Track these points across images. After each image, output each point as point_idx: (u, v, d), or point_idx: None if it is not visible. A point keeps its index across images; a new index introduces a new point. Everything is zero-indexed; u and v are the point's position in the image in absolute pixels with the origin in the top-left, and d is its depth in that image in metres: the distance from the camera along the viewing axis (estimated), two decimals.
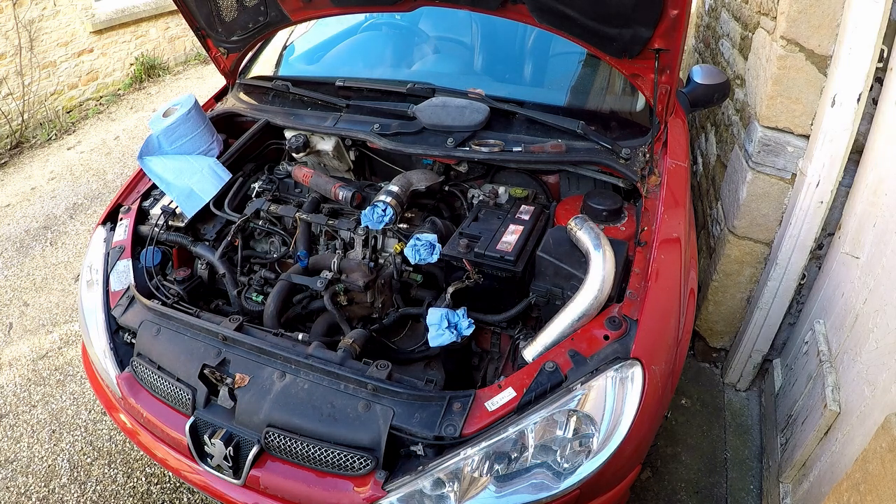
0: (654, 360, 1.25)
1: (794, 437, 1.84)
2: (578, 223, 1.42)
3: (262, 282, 1.79)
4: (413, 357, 1.62)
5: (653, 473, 2.07)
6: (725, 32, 2.81)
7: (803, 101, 1.83)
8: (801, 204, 1.89)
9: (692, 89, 2.06)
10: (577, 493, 1.18)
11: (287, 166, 2.15)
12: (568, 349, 1.27)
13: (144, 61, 6.35)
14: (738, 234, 2.15)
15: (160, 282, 1.72)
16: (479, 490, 1.18)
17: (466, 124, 1.82)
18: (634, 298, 1.35)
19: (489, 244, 1.58)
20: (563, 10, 1.54)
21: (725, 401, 2.37)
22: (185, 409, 1.39)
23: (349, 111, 2.03)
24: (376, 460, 1.22)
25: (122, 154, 4.76)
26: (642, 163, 1.71)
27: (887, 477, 1.02)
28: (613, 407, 1.20)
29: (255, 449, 1.29)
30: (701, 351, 2.53)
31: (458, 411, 1.22)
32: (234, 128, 2.21)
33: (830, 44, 1.73)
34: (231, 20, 2.02)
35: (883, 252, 1.56)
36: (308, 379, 1.34)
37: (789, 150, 1.93)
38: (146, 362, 1.46)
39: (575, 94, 2.14)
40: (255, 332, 1.47)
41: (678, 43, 1.50)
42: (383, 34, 2.65)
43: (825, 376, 1.69)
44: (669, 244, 1.49)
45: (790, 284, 2.06)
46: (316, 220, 1.89)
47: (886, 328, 1.45)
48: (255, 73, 2.40)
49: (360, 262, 1.73)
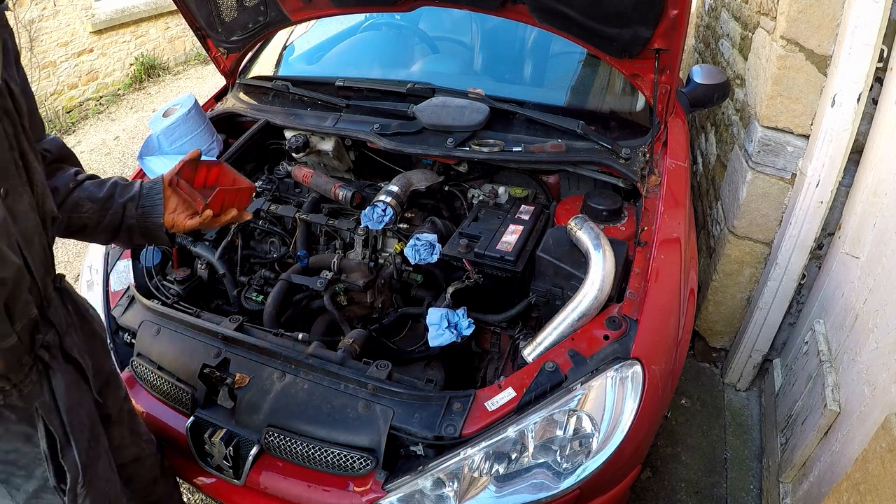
0: (654, 360, 1.25)
1: (794, 437, 1.84)
2: (578, 223, 1.42)
3: (262, 282, 1.79)
4: (413, 357, 1.62)
5: (653, 473, 2.07)
6: (725, 32, 2.81)
7: (803, 101, 1.83)
8: (801, 204, 1.89)
9: (692, 89, 2.06)
10: (577, 493, 1.18)
11: (287, 166, 2.15)
12: (568, 349, 1.27)
13: (144, 61, 6.35)
14: (738, 234, 2.15)
15: (160, 282, 1.72)
16: (479, 490, 1.18)
17: (466, 124, 1.82)
18: (634, 298, 1.35)
19: (489, 244, 1.58)
20: (563, 10, 1.54)
21: (725, 401, 2.37)
22: (185, 409, 1.39)
23: (349, 111, 2.03)
24: (376, 460, 1.22)
25: (122, 154, 4.75)
26: (642, 163, 1.71)
27: (887, 477, 1.02)
28: (613, 407, 1.20)
29: (256, 449, 1.29)
30: (701, 351, 2.53)
31: (458, 411, 1.22)
32: (234, 128, 2.21)
33: (830, 44, 1.73)
34: (231, 20, 2.02)
35: (883, 252, 1.56)
36: (308, 379, 1.34)
37: (789, 150, 1.93)
38: (146, 362, 1.46)
39: (575, 94, 2.14)
40: (255, 331, 1.46)
41: (678, 43, 1.51)
42: (383, 34, 2.65)
43: (825, 376, 1.69)
44: (669, 244, 1.49)
45: (790, 284, 2.06)
46: (316, 220, 1.89)
47: (886, 328, 1.45)
48: (255, 73, 2.40)
49: (360, 262, 1.73)
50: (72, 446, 0.98)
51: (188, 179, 1.20)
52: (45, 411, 0.94)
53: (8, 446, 0.93)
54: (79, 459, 0.99)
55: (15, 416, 0.92)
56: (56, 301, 1.00)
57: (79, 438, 0.99)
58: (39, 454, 0.95)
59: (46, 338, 0.95)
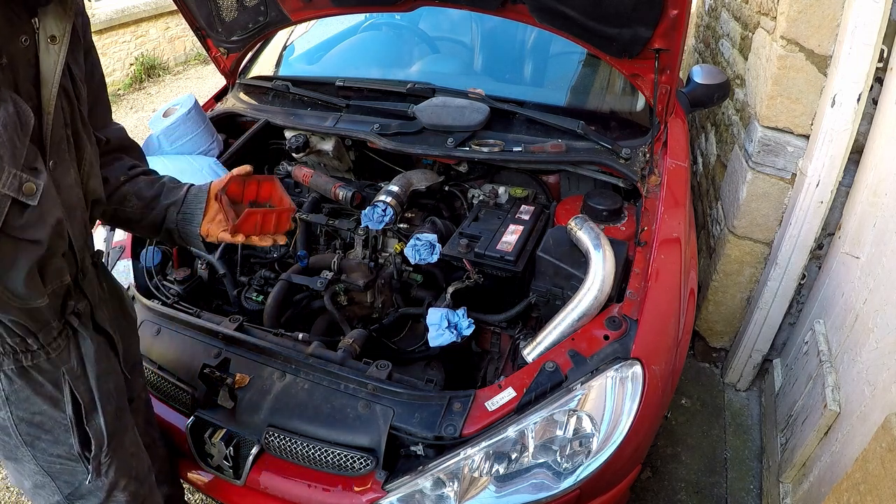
0: (654, 360, 1.25)
1: (794, 437, 1.84)
2: (578, 223, 1.42)
3: (262, 282, 1.79)
4: (413, 357, 1.62)
5: (653, 473, 2.07)
6: (725, 32, 2.82)
7: (803, 101, 1.83)
8: (801, 204, 1.89)
9: (692, 89, 2.06)
10: (577, 493, 1.18)
11: (287, 166, 2.15)
12: (568, 349, 1.27)
13: (144, 61, 6.35)
14: (738, 234, 2.15)
15: (160, 282, 1.72)
16: (479, 490, 1.18)
17: (466, 124, 1.82)
18: (634, 298, 1.35)
19: (489, 244, 1.58)
20: (563, 10, 1.54)
21: (725, 401, 2.37)
22: (186, 408, 1.39)
23: (349, 111, 2.02)
24: (376, 460, 1.22)
25: None
26: (642, 163, 1.71)
27: (887, 477, 1.02)
28: (613, 407, 1.20)
29: (256, 449, 1.30)
30: (701, 351, 2.53)
31: (458, 411, 1.22)
32: (234, 128, 2.21)
33: (830, 44, 1.73)
34: (231, 20, 2.02)
35: (883, 252, 1.56)
36: (308, 379, 1.34)
37: (789, 150, 1.93)
38: (146, 362, 1.46)
39: (575, 94, 2.14)
40: (255, 331, 1.47)
41: (678, 43, 1.51)
42: (383, 34, 2.65)
43: (825, 376, 1.70)
44: (669, 244, 1.49)
45: (790, 284, 2.06)
46: (316, 220, 1.89)
47: (886, 328, 1.45)
48: (255, 73, 2.40)
49: (360, 262, 1.73)
50: (98, 413, 1.01)
51: (237, 193, 1.21)
52: (71, 377, 0.97)
53: (34, 408, 0.97)
54: (105, 428, 1.01)
55: (42, 377, 0.95)
56: (92, 274, 1.04)
57: (106, 407, 1.02)
58: (66, 419, 0.98)
59: (78, 306, 0.99)
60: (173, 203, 1.16)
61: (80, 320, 0.99)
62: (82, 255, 0.98)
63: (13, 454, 1.01)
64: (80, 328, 0.99)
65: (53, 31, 0.85)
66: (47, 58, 0.85)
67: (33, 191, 0.80)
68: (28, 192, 0.79)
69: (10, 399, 0.95)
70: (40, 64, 0.85)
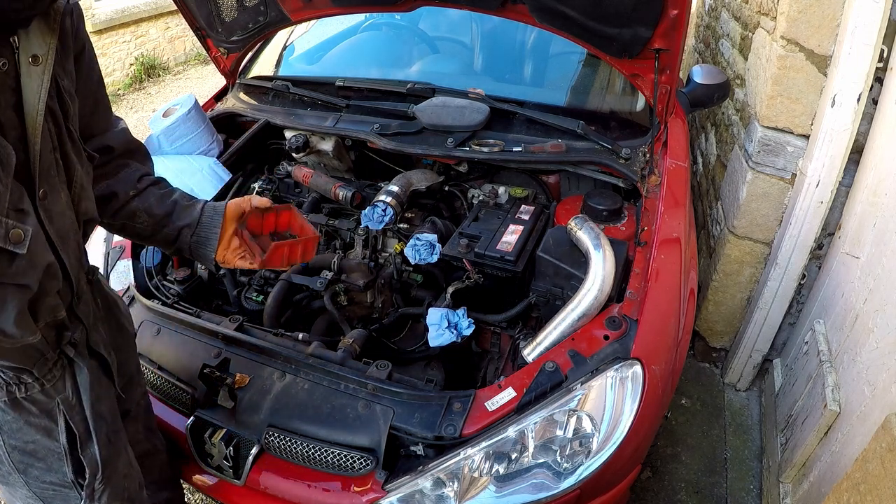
0: (654, 360, 1.25)
1: (794, 437, 1.84)
2: (578, 223, 1.42)
3: (262, 282, 1.79)
4: (413, 357, 1.62)
5: (653, 473, 2.07)
6: (725, 32, 2.82)
7: (803, 101, 1.83)
8: (801, 204, 1.89)
9: (692, 89, 2.06)
10: (578, 493, 1.18)
11: (287, 166, 2.15)
12: (568, 349, 1.27)
13: (144, 61, 6.35)
14: (738, 234, 2.15)
15: (160, 282, 1.72)
16: (479, 490, 1.18)
17: (466, 124, 1.82)
18: (634, 298, 1.35)
19: (489, 244, 1.58)
20: (563, 10, 1.54)
21: (725, 401, 2.37)
22: (186, 409, 1.39)
23: (349, 111, 2.02)
24: (376, 460, 1.22)
25: None
26: (642, 163, 1.71)
27: (887, 477, 1.02)
28: (613, 407, 1.20)
29: (256, 449, 1.29)
30: (701, 351, 2.53)
31: (458, 411, 1.22)
32: (234, 128, 2.21)
33: (830, 44, 1.73)
34: (231, 20, 2.02)
35: (883, 252, 1.56)
36: (308, 379, 1.34)
37: (789, 150, 1.93)
38: (146, 362, 1.46)
39: (575, 94, 2.14)
40: (255, 331, 1.47)
41: (678, 43, 1.51)
42: (383, 34, 2.65)
43: (825, 376, 1.70)
44: (669, 244, 1.49)
45: (790, 284, 2.06)
46: (316, 220, 1.89)
47: (886, 328, 1.45)
48: (255, 73, 2.40)
49: (360, 262, 1.73)
50: (93, 441, 0.98)
51: (255, 226, 1.20)
52: (66, 407, 0.94)
53: (27, 437, 0.94)
54: (98, 455, 0.99)
55: (36, 408, 0.92)
56: (87, 295, 1.00)
57: (99, 434, 0.99)
58: (59, 448, 0.96)
59: (74, 335, 0.95)
60: (187, 225, 1.13)
61: (75, 349, 0.95)
62: (78, 279, 0.94)
63: (5, 479, 0.98)
64: (76, 358, 0.95)
65: (35, 51, 0.77)
66: (29, 81, 0.76)
67: (21, 238, 0.74)
68: (16, 240, 0.73)
69: (3, 428, 0.92)
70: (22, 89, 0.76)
